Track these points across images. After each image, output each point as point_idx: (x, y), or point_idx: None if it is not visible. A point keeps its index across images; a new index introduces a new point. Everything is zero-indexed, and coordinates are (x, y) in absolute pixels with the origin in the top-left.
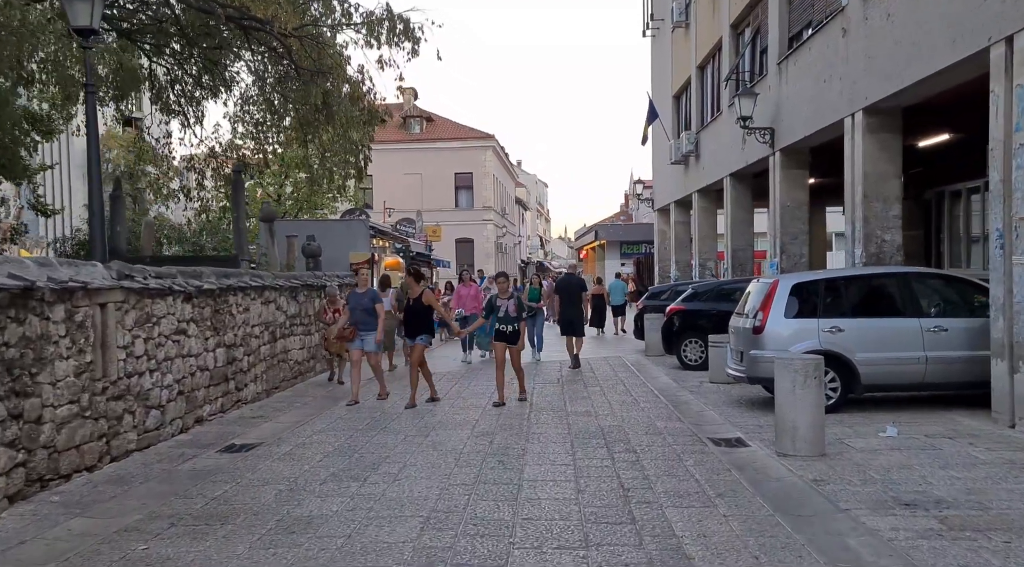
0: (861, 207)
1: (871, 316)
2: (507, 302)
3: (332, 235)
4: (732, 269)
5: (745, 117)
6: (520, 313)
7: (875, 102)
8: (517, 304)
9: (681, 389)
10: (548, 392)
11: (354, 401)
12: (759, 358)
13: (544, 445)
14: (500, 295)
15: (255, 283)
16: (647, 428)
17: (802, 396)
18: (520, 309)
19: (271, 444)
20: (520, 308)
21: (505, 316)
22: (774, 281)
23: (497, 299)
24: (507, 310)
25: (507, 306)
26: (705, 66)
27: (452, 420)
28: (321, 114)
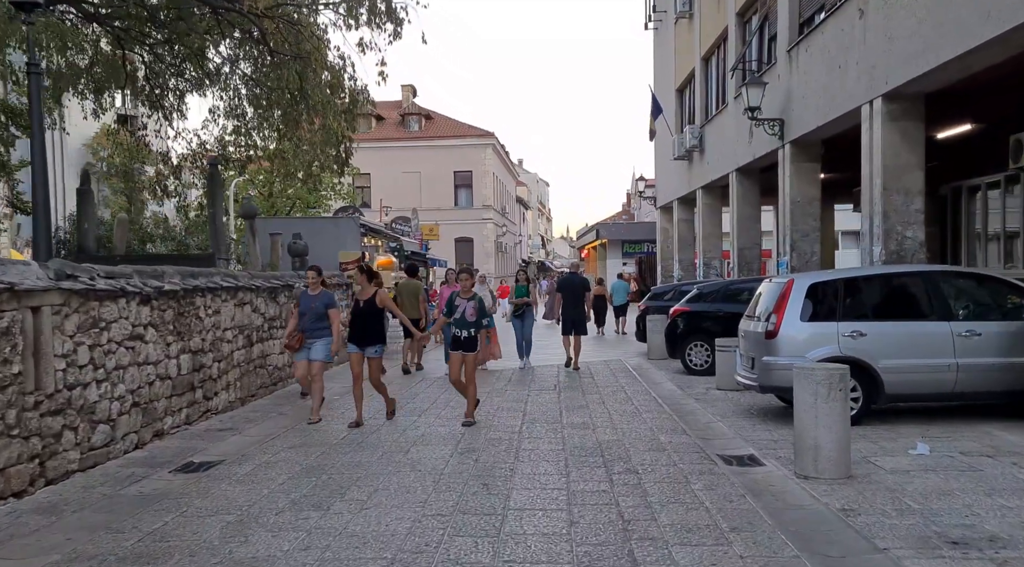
0: (880, 201)
1: (895, 319)
2: (467, 303)
3: (321, 233)
4: (739, 268)
5: (753, 107)
6: (481, 317)
7: (896, 87)
8: (478, 307)
9: (686, 397)
10: (543, 400)
11: (316, 420)
12: (772, 365)
13: (535, 464)
14: (461, 294)
15: (227, 284)
16: (650, 443)
17: (825, 411)
18: (481, 313)
19: (233, 462)
20: (481, 312)
21: (462, 319)
22: (789, 281)
23: (456, 298)
24: (465, 312)
25: (466, 307)
26: (709, 57)
27: (435, 434)
28: (296, 100)
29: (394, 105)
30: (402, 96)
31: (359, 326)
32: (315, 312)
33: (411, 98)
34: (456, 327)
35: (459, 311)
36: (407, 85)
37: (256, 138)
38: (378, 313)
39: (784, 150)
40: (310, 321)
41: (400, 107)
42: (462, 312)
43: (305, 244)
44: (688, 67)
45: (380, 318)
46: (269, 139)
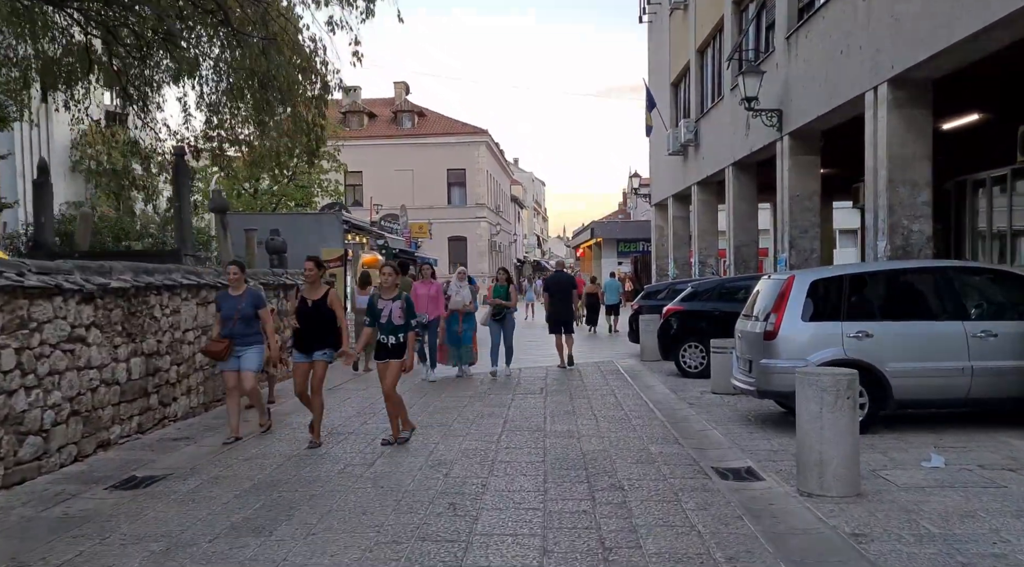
0: (885, 194)
1: (905, 319)
2: (391, 304)
3: (301, 230)
4: (735, 266)
5: (750, 98)
6: (409, 320)
7: (902, 72)
8: (405, 307)
9: (679, 401)
10: (528, 405)
11: (234, 437)
12: (771, 368)
13: (511, 480)
14: (383, 294)
15: (188, 281)
16: (639, 454)
17: (832, 421)
18: (409, 314)
19: (180, 476)
20: (409, 312)
21: (388, 323)
22: (789, 277)
23: (378, 300)
24: (391, 315)
25: (390, 309)
26: (705, 49)
27: (408, 444)
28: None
29: (386, 102)
30: (395, 93)
31: (307, 330)
32: (243, 315)
33: (404, 95)
34: (381, 333)
35: (383, 314)
36: (400, 82)
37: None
38: (329, 316)
39: (782, 142)
40: (240, 326)
41: (393, 104)
42: (388, 315)
43: (283, 240)
44: (683, 60)
45: (332, 321)
46: (241, 128)
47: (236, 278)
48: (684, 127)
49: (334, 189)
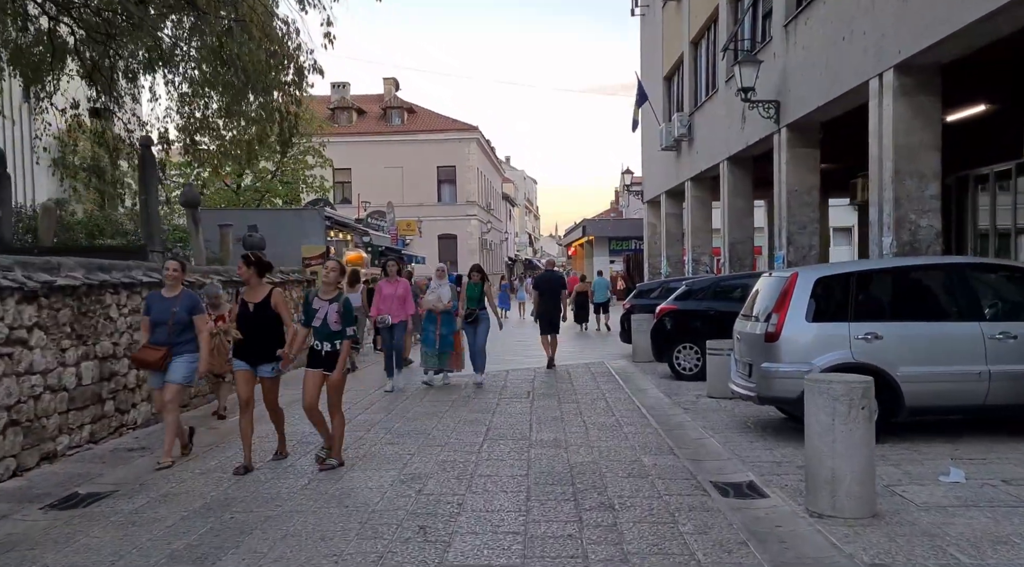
0: (891, 186)
1: (917, 319)
2: (328, 305)
3: (281, 226)
4: (730, 264)
5: (746, 88)
6: (347, 324)
7: (910, 57)
8: (343, 310)
9: (674, 406)
10: (513, 411)
11: (168, 462)
12: (773, 373)
13: (490, 497)
14: (320, 294)
15: (149, 279)
16: (631, 466)
17: (845, 434)
18: (347, 319)
19: (126, 493)
20: (347, 318)
21: (323, 327)
22: (792, 275)
23: (314, 299)
24: (327, 318)
25: (326, 311)
26: (699, 41)
27: (380, 455)
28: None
29: (376, 99)
30: (384, 89)
31: (248, 337)
32: (179, 320)
33: (393, 91)
34: (315, 338)
35: (318, 317)
36: (389, 78)
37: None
38: (274, 320)
39: (780, 135)
40: (175, 333)
41: (382, 101)
42: (323, 318)
43: (261, 237)
44: (676, 53)
45: (275, 326)
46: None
47: (175, 276)
48: (677, 121)
49: (320, 185)
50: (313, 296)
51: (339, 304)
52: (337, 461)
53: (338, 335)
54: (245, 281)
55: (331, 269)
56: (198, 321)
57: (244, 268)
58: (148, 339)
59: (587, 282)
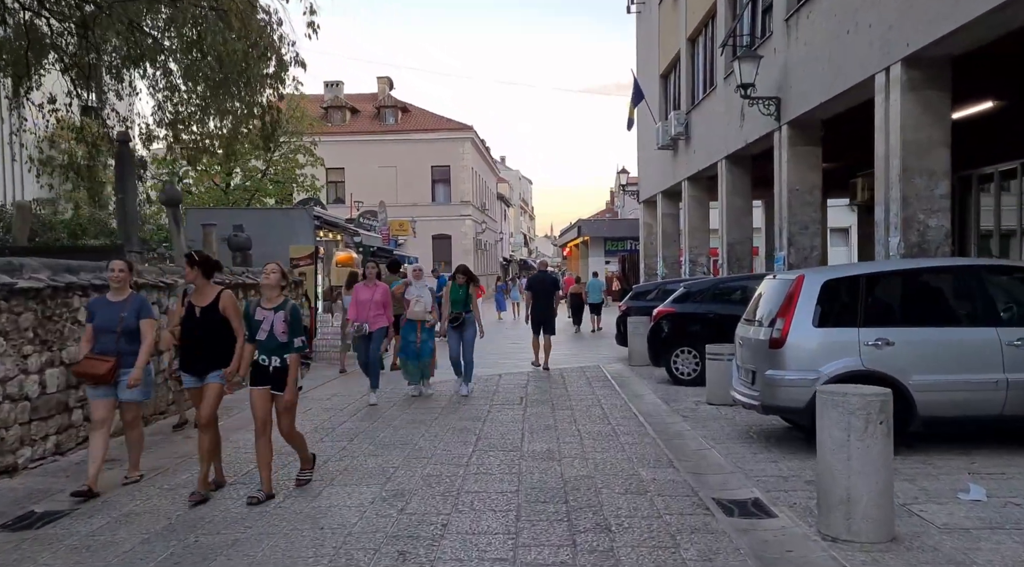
0: (899, 185)
1: (930, 324)
2: (271, 314)
3: (269, 226)
4: (728, 265)
5: (746, 85)
6: (295, 335)
7: (919, 50)
8: (290, 318)
9: (672, 414)
10: (504, 419)
11: (88, 490)
12: (778, 381)
13: (477, 517)
14: (264, 301)
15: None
16: (628, 481)
17: (861, 451)
18: (295, 329)
19: (86, 512)
20: (294, 328)
21: (269, 339)
22: (798, 277)
23: (256, 309)
24: (273, 328)
25: (271, 322)
26: (696, 37)
27: (362, 468)
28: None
29: (369, 97)
30: (378, 88)
31: (195, 345)
32: (127, 327)
33: (387, 90)
34: (260, 351)
35: (261, 328)
36: (383, 77)
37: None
38: (221, 324)
39: (780, 133)
40: (125, 342)
41: (376, 100)
42: (268, 330)
43: (247, 237)
44: (673, 50)
45: (225, 331)
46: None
47: (121, 278)
48: (674, 119)
49: (311, 185)
50: (255, 306)
51: (285, 312)
52: (309, 475)
53: (287, 348)
54: (194, 282)
55: (270, 272)
56: (144, 326)
57: (188, 269)
58: (91, 349)
59: (582, 283)
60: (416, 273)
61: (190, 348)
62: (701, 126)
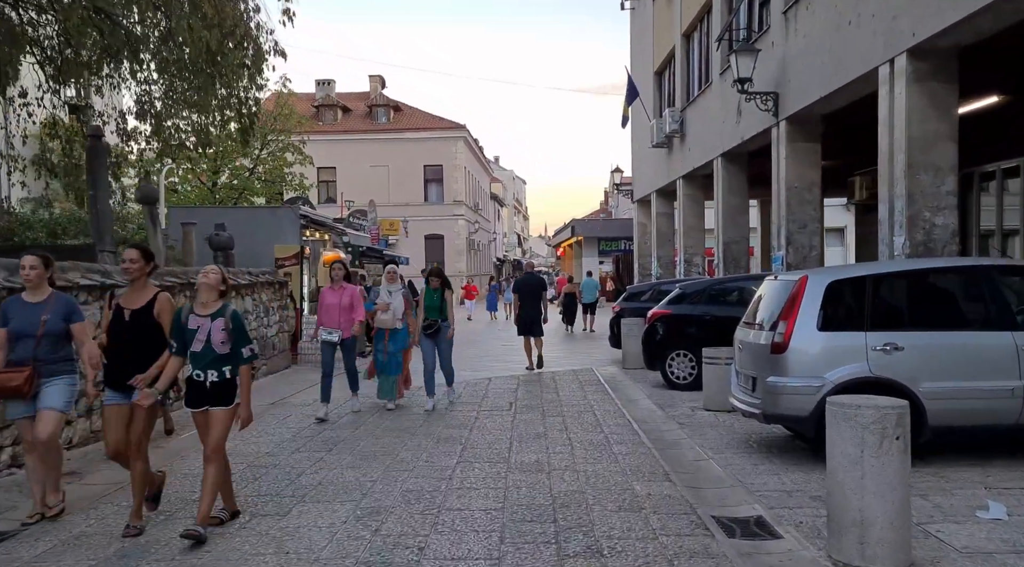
0: (904, 181)
1: (941, 328)
2: (207, 322)
3: (254, 225)
4: (724, 265)
5: (743, 79)
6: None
7: (925, 40)
8: (231, 325)
9: (668, 420)
10: (492, 426)
11: (37, 515)
12: (781, 388)
13: (458, 539)
14: (197, 307)
15: (88, 282)
16: (622, 496)
17: (876, 469)
18: (240, 338)
19: (34, 533)
20: (239, 337)
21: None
22: (801, 278)
23: (189, 317)
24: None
25: (208, 330)
26: (691, 33)
27: (338, 482)
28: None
29: (361, 96)
30: (370, 87)
31: (122, 354)
32: (51, 331)
33: (379, 89)
34: (194, 366)
35: (197, 337)
36: (375, 75)
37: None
38: (154, 331)
39: (779, 129)
40: (46, 349)
41: (368, 98)
42: (205, 340)
43: (229, 236)
44: (667, 46)
45: (159, 340)
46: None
47: (34, 276)
48: (669, 117)
49: (299, 183)
50: (187, 313)
51: (225, 319)
52: (229, 511)
53: (227, 359)
54: (133, 280)
55: (208, 272)
56: (77, 331)
57: (140, 261)
58: (5, 358)
59: (575, 283)
60: (390, 275)
61: (116, 358)
62: (696, 123)
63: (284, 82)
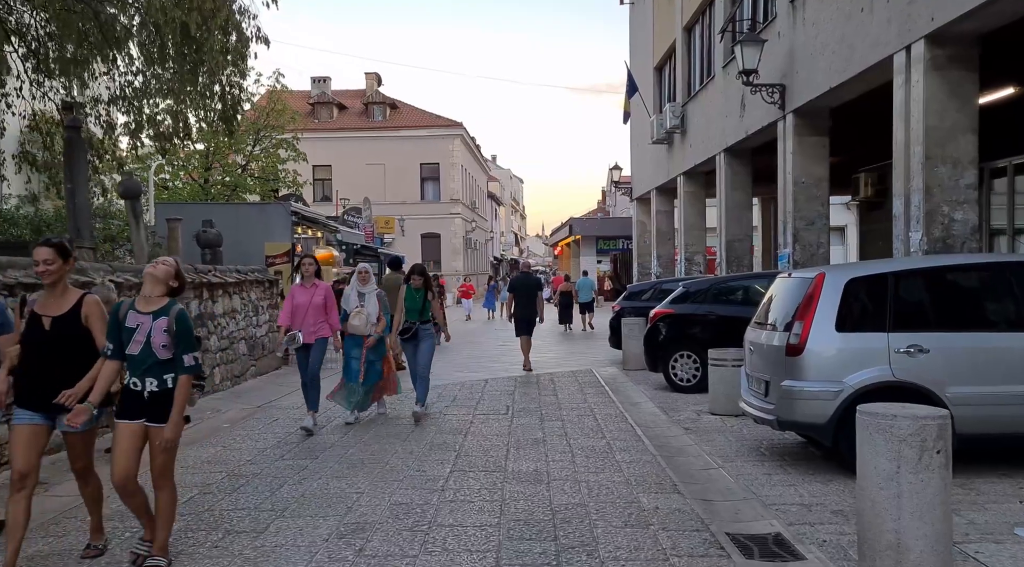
0: (921, 174)
1: (970, 329)
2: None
3: (243, 222)
4: (727, 264)
5: (748, 70)
6: (185, 351)
7: (945, 25)
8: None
9: (672, 425)
10: (488, 431)
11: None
12: (797, 393)
13: (449, 560)
14: (140, 304)
15: None
16: (627, 510)
17: (915, 487)
18: (183, 342)
19: None
20: (183, 341)
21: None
22: (818, 275)
23: (130, 312)
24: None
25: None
26: (693, 26)
27: (322, 494)
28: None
29: (357, 93)
30: (366, 84)
31: (42, 369)
32: None
33: (376, 86)
34: (131, 372)
35: (136, 339)
36: (371, 73)
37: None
38: (82, 342)
39: (785, 122)
40: None
41: (364, 95)
42: (144, 341)
43: (217, 232)
44: (668, 40)
45: (88, 351)
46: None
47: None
48: (669, 112)
49: (293, 180)
50: (126, 309)
51: (169, 319)
52: (164, 562)
53: (168, 367)
54: (50, 283)
55: (159, 263)
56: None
57: (57, 260)
58: None
59: (571, 282)
60: (362, 275)
61: (32, 373)
62: (698, 118)
63: (277, 77)
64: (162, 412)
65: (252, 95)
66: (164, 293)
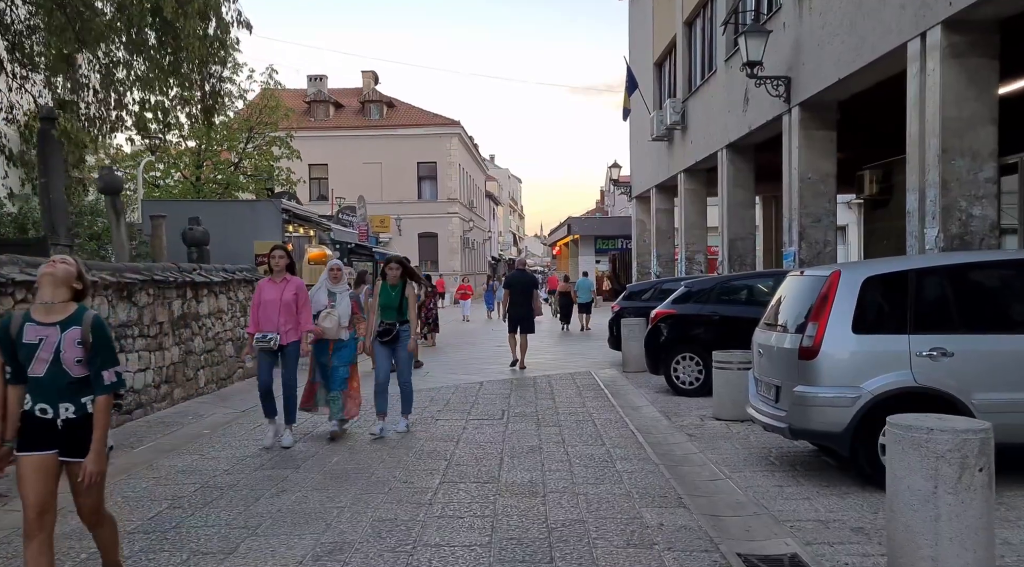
0: (937, 168)
1: (997, 331)
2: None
3: (233, 220)
4: (729, 263)
5: (753, 62)
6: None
7: (963, 9)
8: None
9: (675, 431)
10: (482, 438)
11: None
12: (811, 399)
13: None
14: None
15: (25, 277)
16: (630, 527)
17: (955, 509)
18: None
19: None
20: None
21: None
22: (833, 273)
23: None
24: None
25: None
26: (693, 20)
27: (299, 510)
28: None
29: (354, 92)
30: (363, 83)
31: None
32: None
33: (372, 85)
34: (34, 398)
35: (40, 357)
36: (368, 71)
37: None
38: None
39: (791, 116)
40: None
41: (360, 94)
42: (51, 358)
43: (204, 230)
44: (668, 35)
45: None
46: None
47: None
48: (670, 108)
49: (286, 179)
50: (19, 322)
51: (82, 329)
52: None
53: (86, 388)
54: None
55: (56, 261)
56: None
57: None
58: None
59: (570, 282)
60: (334, 274)
61: None
62: (699, 114)
63: (271, 73)
64: (81, 443)
65: (245, 91)
66: (68, 298)
